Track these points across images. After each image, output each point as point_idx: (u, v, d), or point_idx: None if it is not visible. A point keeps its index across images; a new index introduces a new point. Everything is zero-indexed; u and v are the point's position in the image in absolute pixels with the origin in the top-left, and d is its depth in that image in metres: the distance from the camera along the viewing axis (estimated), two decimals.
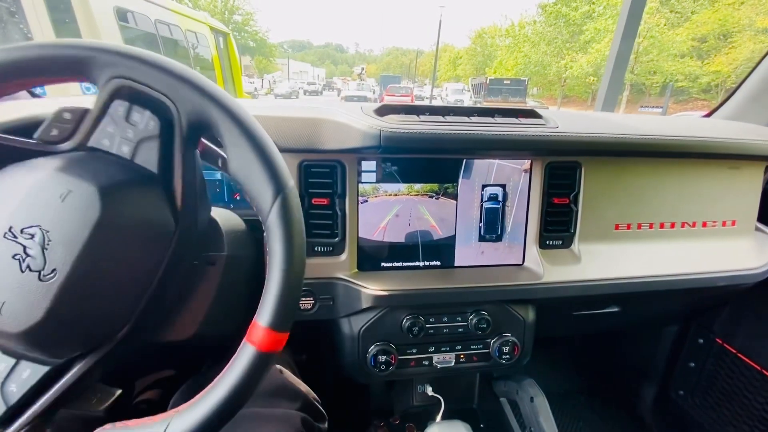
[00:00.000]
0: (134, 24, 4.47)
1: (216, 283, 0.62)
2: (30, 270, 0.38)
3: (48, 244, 0.39)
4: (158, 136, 0.45)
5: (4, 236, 0.39)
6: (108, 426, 0.41)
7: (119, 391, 0.52)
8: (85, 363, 0.44)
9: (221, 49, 6.37)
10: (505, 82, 21.13)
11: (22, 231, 0.39)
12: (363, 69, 61.09)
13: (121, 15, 4.17)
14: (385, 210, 0.79)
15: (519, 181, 0.83)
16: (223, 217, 0.63)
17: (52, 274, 0.39)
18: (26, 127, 0.50)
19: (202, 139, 0.49)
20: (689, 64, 19.76)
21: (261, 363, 0.41)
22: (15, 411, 0.42)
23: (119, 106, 0.45)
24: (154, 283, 0.46)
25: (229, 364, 0.41)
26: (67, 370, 0.43)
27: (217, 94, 0.44)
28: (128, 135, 0.46)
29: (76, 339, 0.43)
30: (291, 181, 0.45)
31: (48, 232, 0.39)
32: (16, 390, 0.42)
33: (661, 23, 20.00)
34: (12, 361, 0.43)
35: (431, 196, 0.80)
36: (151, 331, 0.50)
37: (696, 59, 19.99)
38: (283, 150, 0.72)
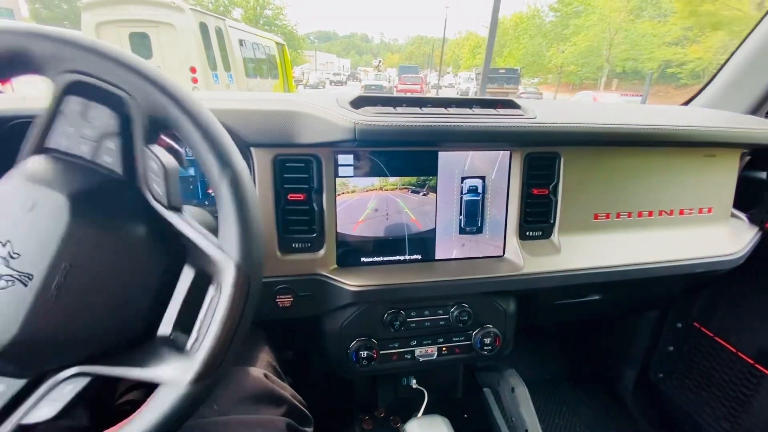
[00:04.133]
0: (244, 46, 8.06)
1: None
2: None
3: (15, 257, 0.37)
4: (118, 134, 0.43)
5: None
6: None
7: None
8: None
9: (281, 55, 9.59)
10: (500, 71, 23.21)
11: None
12: (380, 61, 66.26)
13: (240, 42, 7.92)
14: (363, 204, 0.78)
15: (498, 172, 0.82)
16: (194, 214, 0.61)
17: (25, 286, 0.37)
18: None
19: (162, 135, 0.47)
20: (677, 52, 21.08)
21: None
22: None
23: (74, 103, 0.42)
24: (134, 289, 0.44)
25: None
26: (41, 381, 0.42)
27: (174, 89, 0.42)
28: (86, 133, 0.43)
29: (52, 354, 0.41)
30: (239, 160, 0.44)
31: (12, 243, 0.37)
32: None
33: (631, 18, 23.42)
34: None
35: (410, 190, 0.79)
36: (131, 337, 0.49)
37: (681, 47, 21.20)
38: (256, 144, 0.70)
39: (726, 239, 0.97)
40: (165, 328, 0.43)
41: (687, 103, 1.28)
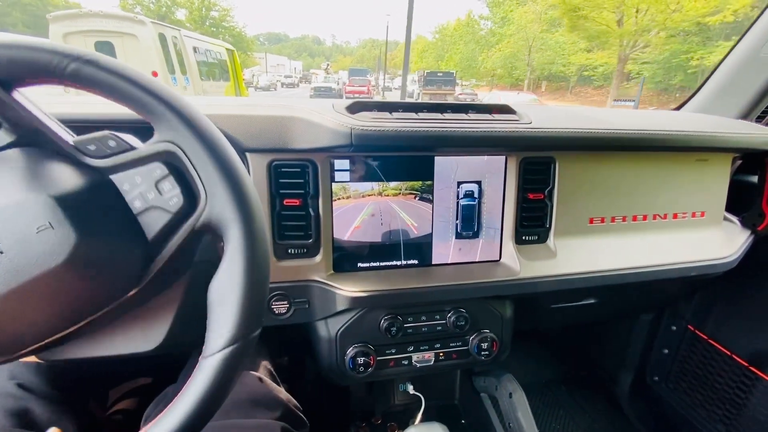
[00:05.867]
0: (198, 52, 8.86)
1: (182, 291, 0.60)
2: None
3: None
4: (174, 215, 0.44)
5: None
6: None
7: None
8: None
9: (231, 59, 10.37)
10: (438, 74, 25.32)
11: None
12: (328, 65, 69.69)
13: (194, 49, 8.72)
14: (359, 209, 0.78)
15: (494, 177, 0.82)
16: None
17: None
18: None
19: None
20: (589, 57, 23.90)
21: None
22: None
23: (158, 168, 0.43)
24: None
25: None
26: None
27: (246, 214, 0.43)
28: (148, 196, 0.44)
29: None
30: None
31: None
32: None
33: (545, 28, 27.69)
34: None
35: (407, 194, 0.79)
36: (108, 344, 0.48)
37: (593, 53, 23.86)
38: (251, 150, 0.70)
39: (719, 243, 0.98)
40: None
41: (678, 108, 1.30)
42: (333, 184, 0.75)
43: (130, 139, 0.44)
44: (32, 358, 0.48)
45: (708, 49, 17.51)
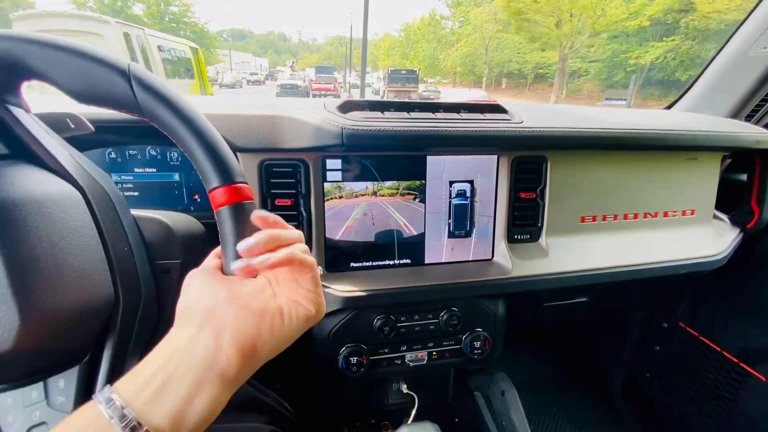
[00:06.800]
0: (163, 51, 9.02)
1: (171, 292, 0.59)
2: None
3: None
4: None
5: None
6: None
7: None
8: None
9: (195, 57, 10.66)
10: (402, 72, 25.45)
11: None
12: (294, 62, 72.63)
13: (159, 48, 8.90)
14: (351, 209, 0.78)
15: (486, 176, 0.83)
16: (177, 221, 0.59)
17: None
18: None
19: None
20: (543, 56, 25.76)
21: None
22: None
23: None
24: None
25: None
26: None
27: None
28: None
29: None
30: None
31: None
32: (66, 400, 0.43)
33: (500, 29, 29.30)
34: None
35: (399, 194, 0.79)
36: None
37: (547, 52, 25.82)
38: (242, 150, 0.70)
39: (709, 240, 0.99)
40: None
41: (669, 107, 1.31)
42: (325, 183, 0.75)
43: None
44: None
45: (644, 49, 19.85)
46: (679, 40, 18.59)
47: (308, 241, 0.75)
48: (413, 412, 0.99)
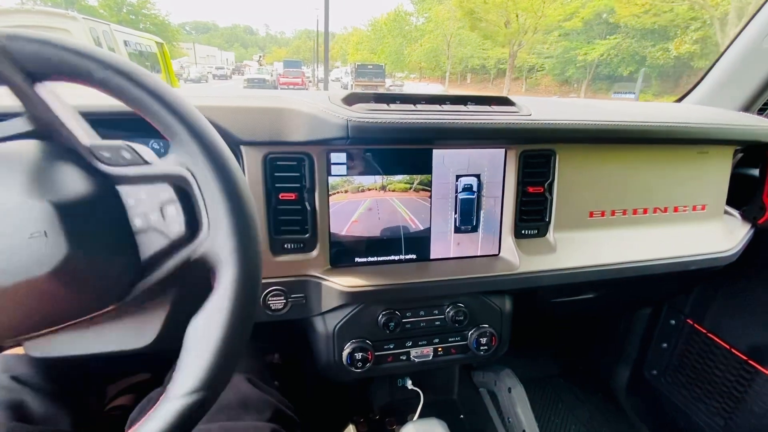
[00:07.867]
0: (129, 45, 9.09)
1: (175, 288, 0.58)
2: None
3: None
4: (172, 241, 0.42)
5: None
6: None
7: None
8: None
9: (161, 52, 10.75)
10: (369, 66, 26.18)
11: None
12: (261, 56, 71.78)
13: (125, 43, 8.95)
14: (357, 203, 0.77)
15: (493, 170, 0.81)
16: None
17: None
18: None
19: None
20: (504, 52, 26.77)
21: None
22: None
23: (166, 190, 0.42)
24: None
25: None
26: None
27: (244, 260, 0.41)
28: (151, 217, 0.42)
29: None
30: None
31: None
32: None
33: (461, 26, 30.06)
34: None
35: (404, 188, 0.78)
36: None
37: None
38: (245, 143, 0.68)
39: (720, 236, 0.97)
40: None
41: (680, 100, 1.29)
42: (330, 177, 0.74)
43: (145, 152, 0.43)
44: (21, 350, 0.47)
45: (590, 47, 22.12)
46: (620, 38, 20.78)
47: (312, 236, 0.74)
48: (419, 408, 0.98)
